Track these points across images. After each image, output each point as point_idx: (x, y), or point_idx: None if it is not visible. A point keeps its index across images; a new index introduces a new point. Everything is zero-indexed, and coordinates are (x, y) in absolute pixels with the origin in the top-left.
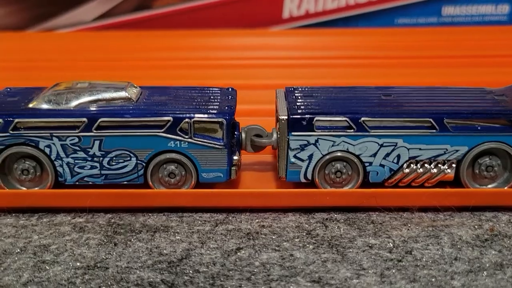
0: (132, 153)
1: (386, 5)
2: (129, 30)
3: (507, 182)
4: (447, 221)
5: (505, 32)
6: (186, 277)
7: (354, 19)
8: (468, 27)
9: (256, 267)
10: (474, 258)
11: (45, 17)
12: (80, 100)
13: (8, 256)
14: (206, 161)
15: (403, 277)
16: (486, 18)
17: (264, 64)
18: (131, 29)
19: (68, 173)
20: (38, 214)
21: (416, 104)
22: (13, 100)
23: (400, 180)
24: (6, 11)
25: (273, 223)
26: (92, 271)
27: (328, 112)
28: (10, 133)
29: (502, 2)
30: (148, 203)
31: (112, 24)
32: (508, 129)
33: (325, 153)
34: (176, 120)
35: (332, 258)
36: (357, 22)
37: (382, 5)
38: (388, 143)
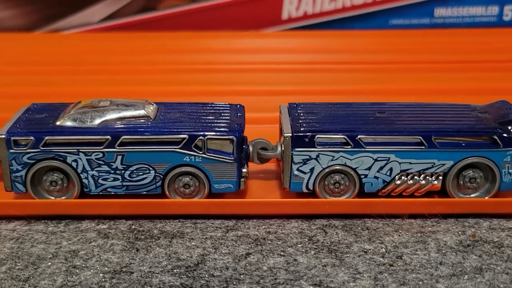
0: (151, 167)
1: (381, 6)
2: (135, 31)
3: (488, 192)
4: (434, 227)
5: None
6: (202, 281)
7: (350, 20)
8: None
9: (264, 271)
10: (457, 262)
11: (53, 18)
12: (103, 118)
13: (42, 261)
14: (218, 174)
15: (394, 280)
16: (476, 19)
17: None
18: (137, 30)
19: (92, 184)
20: (65, 221)
21: (407, 122)
22: (41, 118)
23: (392, 190)
24: (16, 12)
25: (278, 229)
26: (119, 275)
27: (328, 130)
28: (41, 149)
29: (492, 4)
30: (165, 211)
31: (118, 25)
32: (489, 145)
33: (325, 167)
34: (191, 137)
35: (331, 263)
36: (353, 23)
37: (377, 6)
38: (381, 157)
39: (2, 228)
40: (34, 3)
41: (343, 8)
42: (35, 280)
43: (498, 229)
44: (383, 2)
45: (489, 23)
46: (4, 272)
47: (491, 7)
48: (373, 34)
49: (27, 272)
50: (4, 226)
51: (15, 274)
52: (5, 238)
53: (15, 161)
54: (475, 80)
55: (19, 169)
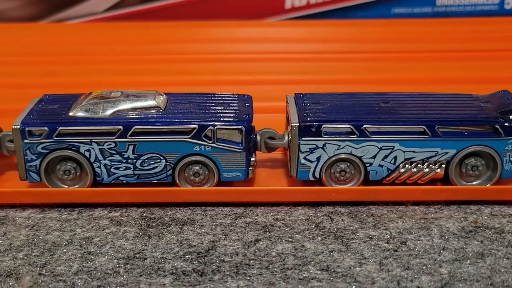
0: (162, 156)
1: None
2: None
3: (490, 179)
4: (437, 214)
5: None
6: (213, 266)
7: (353, 9)
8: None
9: (273, 257)
10: (460, 248)
11: (58, 8)
12: (115, 109)
13: (57, 248)
14: (227, 163)
15: (398, 265)
16: (478, 8)
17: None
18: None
19: (105, 173)
20: (78, 209)
21: (411, 111)
22: (54, 108)
23: (396, 178)
24: (22, 3)
25: (286, 216)
26: (132, 261)
27: (334, 120)
28: (54, 139)
29: None
30: (176, 199)
31: (122, 15)
32: (491, 134)
33: (331, 155)
34: (201, 127)
35: (337, 249)
36: (356, 12)
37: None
38: (386, 146)
39: (17, 216)
40: None
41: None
42: (52, 266)
43: (499, 216)
44: None
45: (491, 11)
46: (22, 258)
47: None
48: (375, 23)
49: (44, 259)
50: (19, 214)
51: (32, 260)
52: (21, 225)
53: (29, 151)
54: (477, 69)
55: (33, 159)
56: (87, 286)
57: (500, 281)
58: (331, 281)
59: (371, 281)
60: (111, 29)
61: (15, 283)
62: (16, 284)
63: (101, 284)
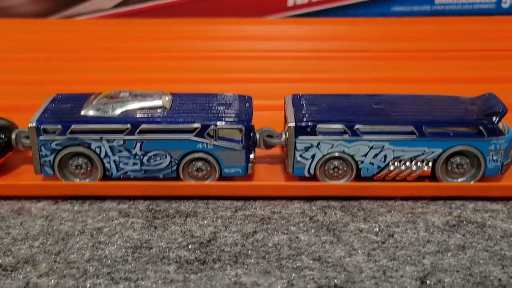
0: (167, 153)
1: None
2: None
3: (473, 177)
4: (423, 209)
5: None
6: (214, 256)
7: (354, 7)
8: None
9: (270, 248)
10: (443, 241)
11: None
12: (124, 109)
13: (70, 237)
14: (227, 159)
15: (385, 256)
16: (475, 6)
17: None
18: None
19: (114, 168)
20: (89, 201)
21: (401, 113)
22: (67, 107)
23: (386, 175)
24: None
25: (282, 209)
26: (140, 250)
27: (328, 120)
28: (67, 136)
29: None
30: (180, 193)
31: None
32: (475, 135)
33: (325, 153)
34: (204, 126)
35: (329, 240)
36: (356, 10)
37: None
38: (376, 145)
39: (32, 207)
40: None
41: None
42: (66, 254)
43: (482, 211)
44: None
45: (488, 9)
46: (38, 247)
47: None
48: (375, 21)
49: (58, 247)
50: (34, 205)
51: (47, 249)
52: (36, 216)
53: (44, 147)
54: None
55: (47, 154)
56: (98, 272)
57: (478, 271)
58: (323, 270)
59: (359, 270)
60: (119, 25)
61: (32, 269)
62: (33, 270)
63: (111, 271)
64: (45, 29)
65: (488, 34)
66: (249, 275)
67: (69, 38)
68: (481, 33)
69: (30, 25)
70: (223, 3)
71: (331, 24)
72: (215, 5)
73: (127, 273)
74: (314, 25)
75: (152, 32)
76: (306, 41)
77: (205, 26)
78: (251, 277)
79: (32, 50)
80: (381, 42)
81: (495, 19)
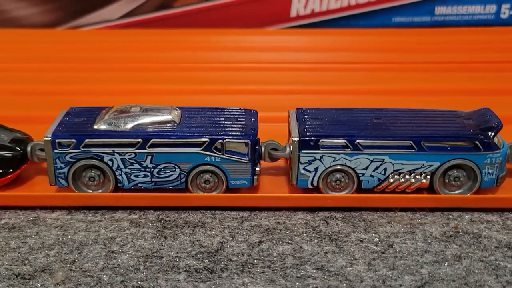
0: (177, 165)
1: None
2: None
3: (470, 189)
4: (422, 220)
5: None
6: (222, 265)
7: (355, 18)
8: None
9: (275, 257)
10: (440, 251)
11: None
12: (135, 123)
13: (84, 247)
14: (234, 172)
15: (384, 265)
16: (475, 17)
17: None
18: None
19: (125, 180)
20: (101, 211)
21: (400, 127)
22: (80, 121)
23: (386, 187)
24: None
25: (286, 220)
26: (151, 259)
27: (331, 134)
28: (81, 150)
29: (490, 3)
30: (188, 204)
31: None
32: (471, 149)
33: (327, 166)
34: (211, 140)
35: (332, 250)
36: (358, 21)
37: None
38: (377, 159)
39: (47, 217)
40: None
41: (349, 6)
42: (80, 263)
43: (478, 222)
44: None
45: (487, 20)
46: (53, 256)
47: (489, 5)
48: (376, 32)
49: (73, 256)
50: (49, 215)
51: (63, 258)
52: (51, 226)
53: (59, 159)
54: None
55: (62, 167)
56: (112, 281)
57: (473, 281)
58: (325, 279)
59: (360, 279)
60: (125, 36)
61: (49, 277)
62: (49, 278)
63: (124, 279)
64: (53, 40)
65: (487, 45)
66: (255, 284)
67: (77, 48)
68: (480, 44)
69: (39, 35)
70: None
71: (333, 35)
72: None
73: (139, 282)
74: (316, 35)
75: (157, 43)
76: (308, 52)
77: (209, 37)
78: (257, 285)
79: (41, 60)
80: (382, 53)
81: (494, 30)
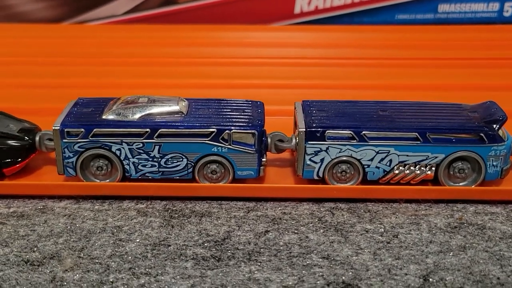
0: (184, 156)
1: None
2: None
3: (475, 181)
4: (426, 211)
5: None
6: (229, 253)
7: (359, 14)
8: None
9: (281, 246)
10: (445, 241)
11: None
12: (143, 113)
13: (92, 235)
14: (241, 162)
15: (390, 255)
16: (478, 15)
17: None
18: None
19: (133, 169)
20: (108, 200)
21: (406, 119)
22: (88, 112)
23: (391, 178)
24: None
25: (292, 210)
26: (158, 247)
27: (337, 126)
28: (90, 139)
29: (493, 1)
30: (195, 193)
31: (140, 17)
32: (476, 141)
33: (333, 158)
34: (219, 131)
35: (337, 240)
36: (362, 18)
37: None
38: (382, 150)
39: (55, 206)
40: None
41: (352, 3)
42: (89, 250)
43: (482, 214)
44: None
45: (490, 18)
46: (62, 243)
47: (492, 3)
48: (380, 29)
49: (81, 244)
50: (57, 204)
51: (71, 245)
52: (59, 214)
53: (67, 149)
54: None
55: (70, 156)
56: (120, 268)
57: (478, 270)
58: (331, 268)
59: (366, 268)
60: (130, 31)
61: (58, 264)
62: (58, 264)
63: (132, 267)
64: (60, 35)
65: (490, 43)
66: (262, 272)
67: (83, 43)
68: (483, 41)
69: (45, 30)
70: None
71: (337, 32)
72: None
73: (147, 269)
74: (320, 32)
75: (162, 38)
76: (313, 48)
77: (214, 33)
78: (264, 273)
79: (48, 55)
80: (386, 49)
81: (497, 28)
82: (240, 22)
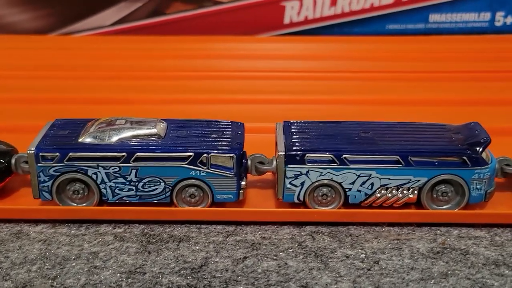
0: (161, 179)
1: (378, 12)
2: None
3: (458, 204)
4: (409, 235)
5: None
6: (205, 282)
7: (349, 25)
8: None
9: (259, 274)
10: (426, 268)
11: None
12: (120, 136)
13: (67, 262)
14: (219, 186)
15: (370, 283)
16: (469, 25)
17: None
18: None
19: (110, 193)
20: (85, 224)
21: (388, 142)
22: (64, 134)
23: (373, 202)
24: (33, 15)
25: (272, 235)
26: (133, 275)
27: (317, 149)
28: (65, 163)
29: (484, 10)
30: (174, 217)
31: (128, 28)
32: (459, 164)
33: (314, 181)
34: (196, 155)
35: (317, 267)
36: (352, 28)
37: (374, 12)
38: (364, 174)
39: (31, 230)
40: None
41: (342, 13)
42: (62, 279)
43: (466, 238)
44: (380, 8)
45: (482, 28)
46: (35, 271)
47: (483, 13)
48: (370, 40)
49: (55, 272)
50: (33, 228)
51: (45, 273)
52: (34, 239)
53: (42, 173)
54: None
55: (46, 180)
56: None
57: None
58: None
59: None
60: (116, 42)
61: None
62: None
63: None
64: (45, 46)
65: (481, 54)
66: None
67: (69, 55)
68: (474, 52)
69: (31, 41)
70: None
71: (326, 42)
72: (213, 23)
73: None
74: (310, 43)
75: (149, 50)
76: (301, 60)
77: (201, 44)
78: None
79: (32, 68)
80: (376, 61)
81: (489, 38)
82: (229, 32)
